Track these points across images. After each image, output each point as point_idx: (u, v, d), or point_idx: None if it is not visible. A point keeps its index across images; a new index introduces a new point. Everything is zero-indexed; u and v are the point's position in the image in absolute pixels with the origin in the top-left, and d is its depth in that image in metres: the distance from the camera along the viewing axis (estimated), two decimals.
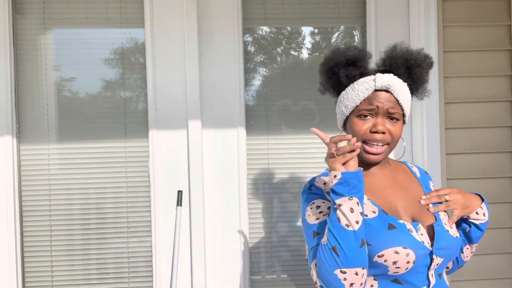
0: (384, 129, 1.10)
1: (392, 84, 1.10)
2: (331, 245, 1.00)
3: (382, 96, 1.10)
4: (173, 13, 1.96)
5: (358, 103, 1.11)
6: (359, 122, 1.11)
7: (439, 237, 1.07)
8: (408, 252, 1.03)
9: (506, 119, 2.02)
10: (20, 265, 1.95)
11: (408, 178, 1.22)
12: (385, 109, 1.10)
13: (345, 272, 0.99)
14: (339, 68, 1.15)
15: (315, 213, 1.11)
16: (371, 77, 1.11)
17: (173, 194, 1.96)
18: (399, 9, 2.07)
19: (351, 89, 1.13)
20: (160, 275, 1.96)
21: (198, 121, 1.94)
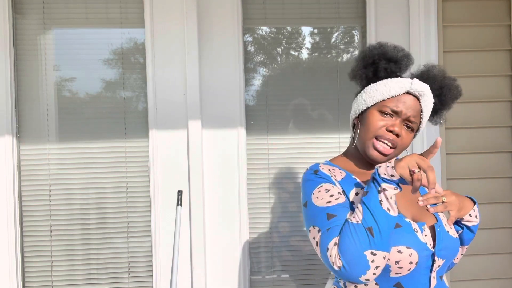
0: (400, 132, 1.11)
1: (426, 93, 1.12)
2: (367, 225, 0.97)
3: (410, 100, 1.11)
4: (173, 13, 1.96)
5: (386, 99, 1.12)
6: (379, 116, 1.12)
7: (441, 238, 1.07)
8: (411, 253, 1.01)
9: (506, 119, 2.02)
10: (20, 265, 1.95)
11: None
12: (408, 115, 1.11)
13: (376, 254, 0.96)
14: (380, 60, 1.15)
15: (325, 196, 1.07)
16: (408, 79, 1.12)
17: (173, 194, 1.96)
18: (399, 9, 2.07)
19: (383, 84, 1.13)
20: (160, 275, 1.96)
21: (198, 121, 1.94)
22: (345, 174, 1.15)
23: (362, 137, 1.15)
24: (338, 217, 1.03)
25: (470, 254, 2.00)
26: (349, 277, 0.97)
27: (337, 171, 1.16)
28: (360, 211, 0.99)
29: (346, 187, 1.11)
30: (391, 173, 1.00)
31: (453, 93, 1.18)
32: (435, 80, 1.16)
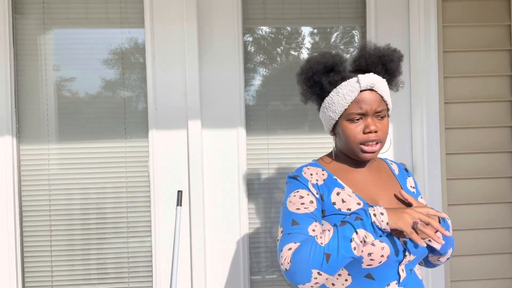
0: (376, 128, 1.15)
1: (376, 82, 1.15)
2: (328, 251, 1.04)
3: (368, 96, 1.15)
4: (173, 13, 1.96)
5: (346, 106, 1.15)
6: (351, 126, 1.16)
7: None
8: (383, 246, 1.08)
9: (506, 119, 2.02)
10: (20, 265, 1.95)
11: (388, 176, 1.26)
12: (374, 110, 1.15)
13: (321, 274, 1.05)
14: (320, 76, 1.19)
15: (297, 202, 1.16)
16: (354, 79, 1.14)
17: (173, 194, 1.96)
18: (399, 9, 2.07)
19: (335, 94, 1.17)
20: (160, 275, 1.96)
21: (198, 121, 1.94)
22: (327, 175, 1.21)
23: (347, 145, 1.19)
24: (300, 226, 1.12)
25: (470, 254, 2.00)
26: (290, 280, 1.08)
27: (320, 173, 1.21)
28: (329, 236, 1.05)
29: (327, 189, 1.18)
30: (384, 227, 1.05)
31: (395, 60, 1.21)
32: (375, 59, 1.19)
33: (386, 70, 1.20)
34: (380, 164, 1.29)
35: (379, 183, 1.23)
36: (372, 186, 1.21)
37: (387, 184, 1.23)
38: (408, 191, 1.27)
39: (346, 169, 1.23)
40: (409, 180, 1.30)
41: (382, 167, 1.29)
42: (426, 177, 1.97)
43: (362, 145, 1.16)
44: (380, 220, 1.04)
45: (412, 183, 1.30)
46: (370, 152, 1.16)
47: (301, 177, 1.20)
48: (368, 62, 1.19)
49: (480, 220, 2.01)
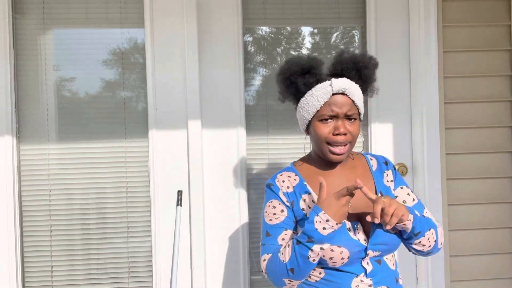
0: (345, 130, 1.21)
1: (348, 87, 1.21)
2: (290, 266, 1.15)
3: (340, 100, 1.22)
4: (173, 13, 1.96)
5: (319, 108, 1.23)
6: (322, 126, 1.23)
7: (375, 234, 1.19)
8: (342, 250, 1.16)
9: (506, 119, 2.02)
10: (20, 265, 1.95)
11: (363, 174, 1.31)
12: (344, 112, 1.21)
13: (292, 281, 1.18)
14: (296, 77, 1.26)
15: (270, 213, 1.26)
16: (328, 83, 1.21)
17: (173, 194, 1.96)
18: (399, 9, 2.07)
19: (310, 96, 1.24)
20: (160, 275, 1.96)
21: (198, 121, 1.94)
22: (298, 180, 1.29)
23: (317, 145, 1.26)
24: (272, 237, 1.23)
25: (470, 254, 2.00)
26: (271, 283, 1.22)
27: (292, 179, 1.29)
28: (288, 253, 1.16)
29: (295, 196, 1.26)
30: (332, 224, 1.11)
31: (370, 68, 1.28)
32: (350, 65, 1.26)
33: (360, 76, 1.27)
34: (357, 162, 1.34)
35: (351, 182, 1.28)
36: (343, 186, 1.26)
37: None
38: (384, 186, 1.30)
39: (318, 172, 1.30)
40: (387, 174, 1.33)
41: (358, 164, 1.33)
42: (426, 177, 1.97)
43: (330, 146, 1.23)
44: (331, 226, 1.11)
45: (391, 177, 1.33)
46: (337, 154, 1.22)
47: (274, 185, 1.28)
48: (343, 67, 1.26)
49: (480, 220, 2.01)
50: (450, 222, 1.99)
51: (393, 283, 1.24)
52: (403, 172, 2.04)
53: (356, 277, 1.19)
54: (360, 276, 1.19)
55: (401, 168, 2.04)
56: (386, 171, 1.33)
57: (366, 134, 2.09)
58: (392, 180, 1.32)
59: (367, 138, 2.08)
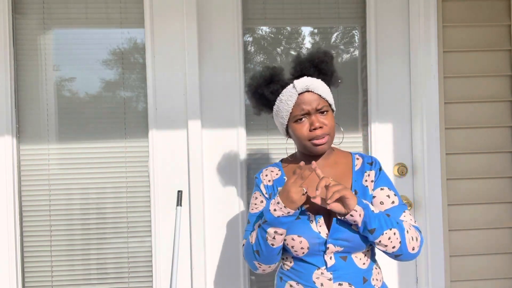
0: (320, 123, 1.29)
1: (309, 84, 1.29)
2: (255, 248, 1.28)
3: (306, 97, 1.29)
4: (173, 13, 1.96)
5: (290, 110, 1.31)
6: (298, 126, 1.31)
7: (335, 229, 1.26)
8: (301, 240, 1.26)
9: (506, 119, 2.02)
10: (20, 265, 1.95)
11: (343, 172, 1.37)
12: (314, 108, 1.29)
13: (261, 264, 1.31)
14: (262, 89, 1.35)
15: (252, 203, 1.41)
16: (291, 86, 1.30)
17: (173, 194, 1.96)
18: (399, 9, 2.07)
19: (279, 101, 1.33)
20: (160, 275, 1.96)
21: (198, 121, 1.94)
22: (280, 175, 1.41)
23: (300, 144, 1.34)
24: (250, 224, 1.37)
25: (470, 254, 2.00)
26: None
27: (274, 173, 1.42)
28: (255, 237, 1.29)
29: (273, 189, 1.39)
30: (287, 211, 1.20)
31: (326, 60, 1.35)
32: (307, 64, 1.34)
33: (319, 71, 1.34)
34: (342, 159, 1.40)
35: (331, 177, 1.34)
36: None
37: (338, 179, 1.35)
38: (361, 186, 1.34)
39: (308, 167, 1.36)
40: (369, 174, 1.35)
41: (342, 162, 1.39)
42: (426, 177, 1.97)
43: (312, 140, 1.30)
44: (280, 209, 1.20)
45: (372, 177, 1.35)
46: (320, 144, 1.29)
47: (258, 178, 1.42)
48: (301, 67, 1.34)
49: (480, 220, 2.01)
50: (450, 222, 1.99)
51: (358, 282, 1.27)
52: (403, 172, 2.04)
53: (318, 269, 1.27)
54: (321, 269, 1.27)
55: (401, 168, 2.04)
56: (369, 171, 1.36)
57: (366, 134, 2.09)
58: (372, 180, 1.34)
59: (367, 138, 2.08)
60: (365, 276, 1.28)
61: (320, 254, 1.27)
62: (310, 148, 1.31)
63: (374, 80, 2.05)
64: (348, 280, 1.26)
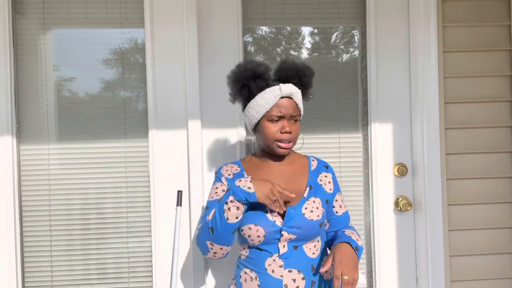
0: (291, 129, 1.42)
1: (294, 91, 1.42)
2: (211, 225, 1.35)
3: (286, 102, 1.41)
4: (173, 13, 1.96)
5: (269, 109, 1.41)
6: (270, 125, 1.42)
7: (289, 217, 1.38)
8: (258, 229, 1.37)
9: (506, 119, 2.02)
10: (20, 265, 1.95)
11: (300, 170, 1.51)
12: (290, 114, 1.42)
13: (213, 245, 1.37)
14: (249, 81, 1.43)
15: (212, 192, 1.49)
16: (277, 87, 1.40)
17: (173, 194, 1.96)
18: (399, 9, 2.07)
19: (260, 98, 1.41)
20: (160, 275, 1.96)
21: (198, 121, 1.94)
22: (239, 170, 1.52)
23: (265, 142, 1.45)
24: (209, 209, 1.43)
25: (470, 254, 2.00)
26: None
27: (234, 168, 1.53)
28: (213, 212, 1.36)
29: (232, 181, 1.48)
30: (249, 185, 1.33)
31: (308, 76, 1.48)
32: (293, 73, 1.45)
33: (301, 83, 1.46)
34: (298, 160, 1.54)
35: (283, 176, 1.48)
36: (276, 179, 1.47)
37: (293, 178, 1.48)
38: (316, 183, 1.49)
39: (259, 166, 1.51)
40: (326, 176, 1.52)
41: (298, 162, 1.54)
42: (426, 177, 1.97)
43: (278, 142, 1.42)
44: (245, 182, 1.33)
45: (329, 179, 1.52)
46: (285, 148, 1.43)
47: (219, 173, 1.52)
48: (288, 74, 1.44)
49: (480, 220, 2.01)
50: (450, 222, 1.99)
51: (307, 270, 1.39)
52: (403, 172, 2.04)
53: (271, 256, 1.38)
54: (273, 256, 1.38)
55: (401, 168, 2.04)
56: (325, 173, 1.53)
57: (366, 134, 2.09)
58: (330, 181, 1.52)
59: (367, 138, 2.08)
60: (313, 265, 1.41)
61: (275, 242, 1.38)
62: (275, 148, 1.43)
63: (374, 80, 2.05)
64: (298, 268, 1.38)
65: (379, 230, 2.06)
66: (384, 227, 2.06)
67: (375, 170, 2.06)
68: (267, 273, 1.37)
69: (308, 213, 1.40)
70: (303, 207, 1.41)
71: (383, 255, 2.06)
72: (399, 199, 2.04)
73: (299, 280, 1.37)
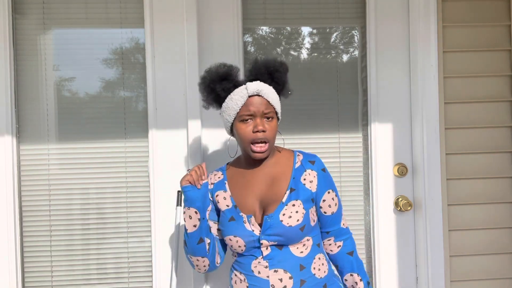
0: (264, 127, 1.36)
1: (261, 88, 1.36)
2: (184, 238, 1.42)
3: (256, 100, 1.36)
4: (173, 13, 1.96)
5: (238, 110, 1.37)
6: (243, 126, 1.38)
7: (267, 226, 1.36)
8: (237, 240, 1.38)
9: (506, 119, 2.02)
10: (20, 265, 1.95)
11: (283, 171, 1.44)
12: (261, 111, 1.36)
13: (191, 258, 1.44)
14: (215, 84, 1.40)
15: None
16: (243, 86, 1.37)
17: (173, 194, 1.96)
18: (399, 9, 2.07)
19: (229, 100, 1.38)
20: (160, 275, 1.96)
21: (198, 121, 1.94)
22: (221, 178, 1.50)
23: (241, 146, 1.42)
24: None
25: (470, 254, 2.00)
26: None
27: (217, 177, 1.51)
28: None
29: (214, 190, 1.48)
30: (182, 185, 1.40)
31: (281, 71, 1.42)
32: (263, 70, 1.40)
33: (272, 79, 1.41)
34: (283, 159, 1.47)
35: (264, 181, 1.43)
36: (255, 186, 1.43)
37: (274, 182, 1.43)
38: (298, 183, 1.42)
39: (241, 172, 1.48)
40: (309, 173, 1.43)
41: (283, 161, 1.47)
42: (426, 177, 1.97)
43: (252, 144, 1.37)
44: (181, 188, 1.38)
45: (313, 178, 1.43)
46: (259, 152, 1.37)
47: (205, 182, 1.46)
48: (257, 72, 1.40)
49: (480, 220, 2.01)
50: (450, 222, 1.99)
51: (295, 269, 1.36)
52: (403, 172, 2.04)
53: (255, 259, 1.39)
54: (258, 258, 1.38)
55: (401, 168, 2.04)
56: (309, 170, 1.44)
57: (366, 134, 2.09)
58: (313, 180, 1.43)
59: (367, 138, 2.08)
60: (302, 264, 1.37)
61: (257, 247, 1.38)
62: (249, 153, 1.39)
63: (374, 80, 2.05)
64: (284, 267, 1.36)
65: (379, 230, 2.06)
66: (384, 227, 2.06)
67: (375, 170, 2.05)
68: (254, 274, 1.39)
69: (286, 220, 1.35)
70: (281, 213, 1.36)
71: (383, 255, 2.06)
72: (399, 199, 2.04)
73: (286, 279, 1.35)
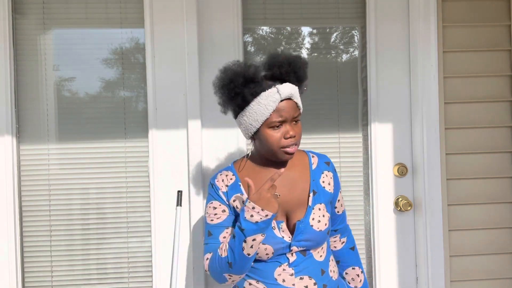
0: (294, 132, 1.29)
1: (293, 92, 1.28)
2: (229, 260, 1.24)
3: (287, 106, 1.27)
4: (173, 13, 1.96)
5: (268, 116, 1.26)
6: (273, 132, 1.28)
7: (299, 232, 1.30)
8: (266, 247, 1.27)
9: (506, 119, 2.02)
10: (20, 265, 1.95)
11: (301, 173, 1.39)
12: (292, 116, 1.28)
13: (232, 275, 1.27)
14: (241, 88, 1.26)
15: (211, 213, 1.35)
16: (274, 90, 1.25)
17: (173, 194, 1.96)
18: (399, 9, 2.07)
19: (257, 104, 1.26)
20: (160, 275, 1.96)
21: (198, 121, 1.94)
22: (234, 180, 1.37)
23: (268, 149, 1.31)
24: (213, 236, 1.33)
25: (470, 254, 2.00)
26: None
27: (229, 178, 1.38)
28: (226, 249, 1.25)
29: (230, 194, 1.36)
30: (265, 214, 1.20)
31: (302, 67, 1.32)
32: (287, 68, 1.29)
33: (297, 78, 1.31)
34: (298, 161, 1.41)
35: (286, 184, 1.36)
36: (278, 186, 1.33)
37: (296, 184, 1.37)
38: (319, 186, 1.38)
39: (258, 171, 1.38)
40: (326, 175, 1.41)
41: (299, 162, 1.41)
42: (426, 177, 1.97)
43: (283, 148, 1.28)
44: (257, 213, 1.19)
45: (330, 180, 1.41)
46: (291, 153, 1.29)
47: (214, 185, 1.37)
48: (281, 71, 1.29)
49: (480, 220, 2.01)
50: (450, 222, 1.99)
51: (318, 274, 1.31)
52: (403, 172, 2.04)
53: (280, 266, 1.29)
54: (283, 265, 1.30)
55: (401, 168, 2.04)
56: (326, 172, 1.42)
57: (366, 134, 2.09)
58: (330, 182, 1.41)
59: (367, 138, 2.08)
60: (323, 268, 1.34)
61: (283, 254, 1.31)
62: (281, 155, 1.30)
63: (374, 80, 2.05)
64: (308, 274, 1.30)
65: (379, 230, 2.06)
66: (384, 227, 2.06)
67: (375, 170, 2.06)
68: (278, 283, 1.29)
69: (316, 224, 1.32)
70: (310, 218, 1.32)
71: (383, 255, 2.06)
72: (399, 199, 2.04)
73: (311, 286, 1.29)
